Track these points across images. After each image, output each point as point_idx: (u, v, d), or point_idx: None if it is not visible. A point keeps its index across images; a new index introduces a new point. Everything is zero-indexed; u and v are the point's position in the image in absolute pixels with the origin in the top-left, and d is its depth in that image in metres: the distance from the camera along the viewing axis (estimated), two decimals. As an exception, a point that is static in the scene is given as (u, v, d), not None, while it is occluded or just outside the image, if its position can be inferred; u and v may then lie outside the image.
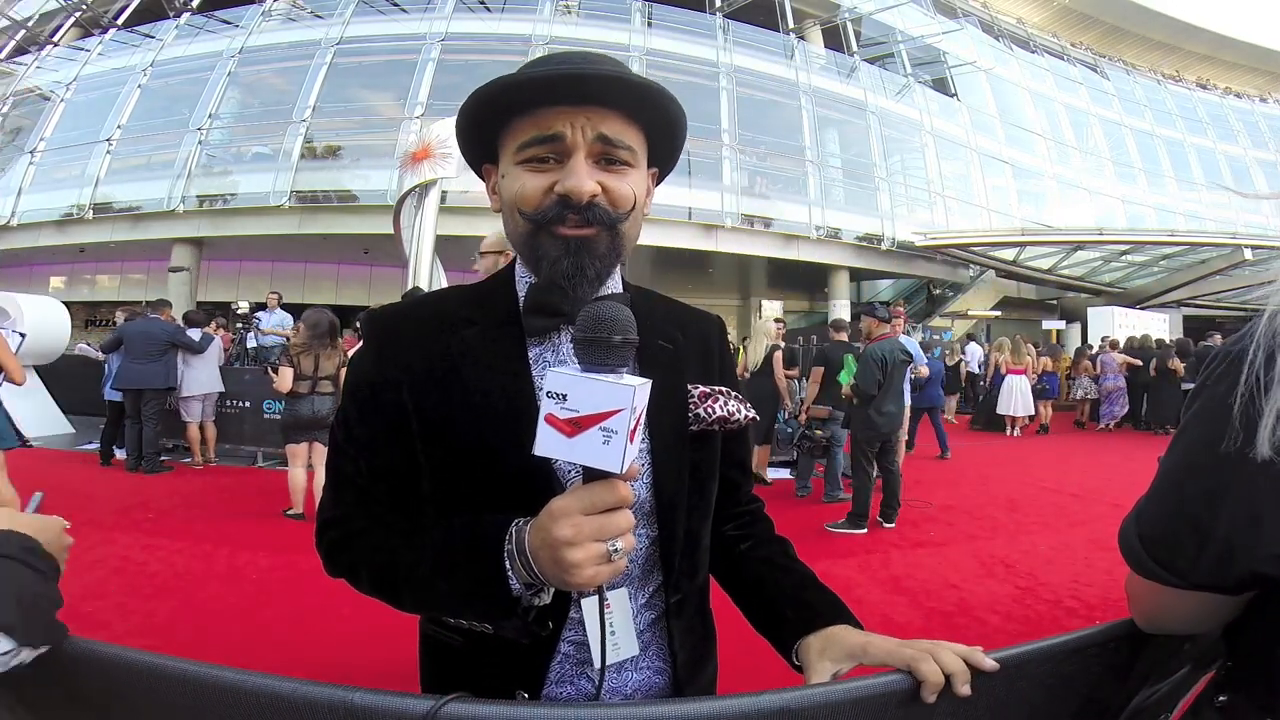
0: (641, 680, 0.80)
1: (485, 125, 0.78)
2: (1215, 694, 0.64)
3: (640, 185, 0.77)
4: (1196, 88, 26.94)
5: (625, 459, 0.56)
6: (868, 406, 4.93)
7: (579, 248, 0.72)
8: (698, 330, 0.90)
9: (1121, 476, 6.97)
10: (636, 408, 0.56)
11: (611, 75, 0.72)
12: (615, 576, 0.61)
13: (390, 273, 14.94)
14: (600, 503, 0.59)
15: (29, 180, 16.09)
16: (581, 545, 0.58)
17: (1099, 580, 3.79)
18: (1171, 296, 18.00)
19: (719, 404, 0.82)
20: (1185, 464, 0.60)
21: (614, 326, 0.59)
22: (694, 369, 0.85)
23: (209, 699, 0.60)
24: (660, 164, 0.85)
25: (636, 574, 0.79)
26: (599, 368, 0.58)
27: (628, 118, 0.75)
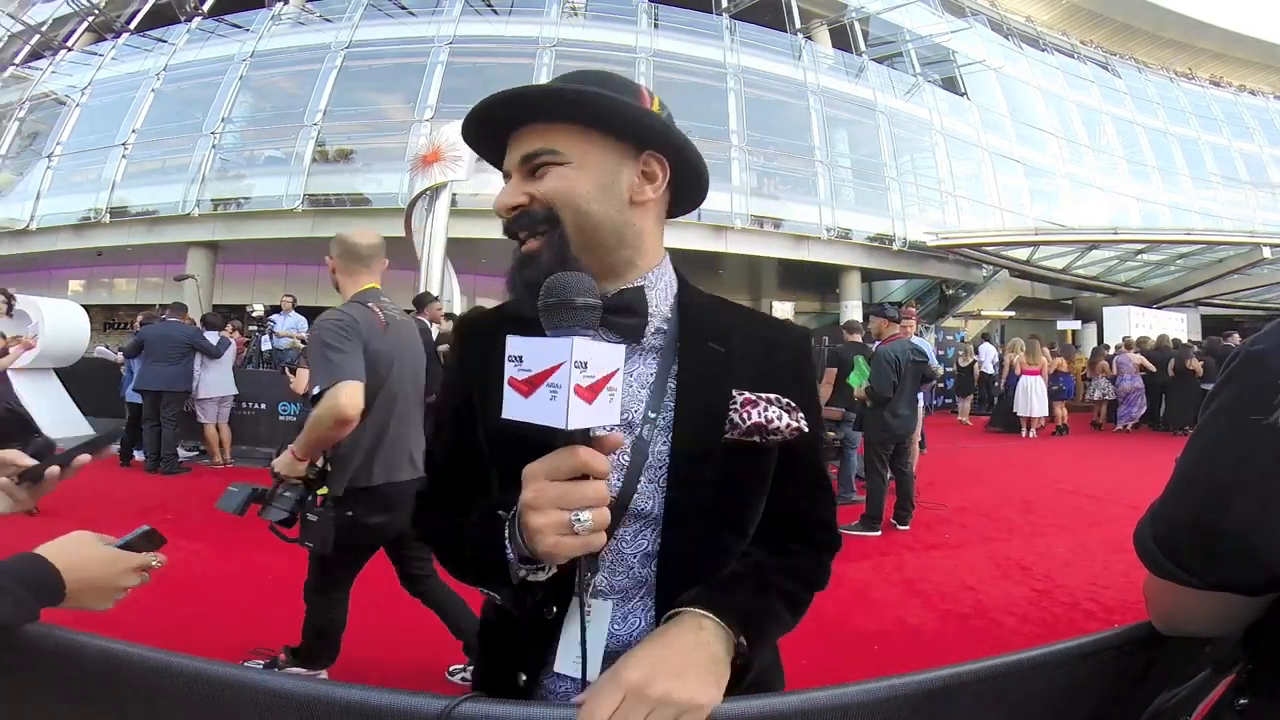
0: None
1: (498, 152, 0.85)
2: (1235, 697, 0.63)
3: (578, 179, 0.76)
4: (1210, 85, 26.61)
5: (570, 414, 0.55)
6: (882, 408, 4.90)
7: (524, 262, 0.78)
8: (766, 339, 0.86)
9: (1139, 478, 6.89)
10: (586, 364, 0.56)
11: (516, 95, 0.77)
12: (585, 550, 0.59)
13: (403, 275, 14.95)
14: (561, 467, 0.58)
15: (47, 184, 16.31)
16: (542, 510, 0.58)
17: (1117, 582, 3.75)
18: (1189, 296, 17.77)
19: (758, 409, 0.77)
20: (1203, 464, 0.60)
21: (574, 288, 0.60)
22: (750, 377, 0.80)
23: (225, 698, 0.60)
24: (657, 147, 0.80)
25: (649, 585, 0.77)
26: (562, 330, 0.59)
27: (555, 126, 0.78)
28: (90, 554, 0.81)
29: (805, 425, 0.80)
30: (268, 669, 0.63)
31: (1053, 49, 23.62)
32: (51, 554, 0.78)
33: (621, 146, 0.79)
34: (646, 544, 0.77)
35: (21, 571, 0.73)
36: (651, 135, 0.80)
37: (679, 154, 0.82)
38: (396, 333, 2.30)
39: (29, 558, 0.76)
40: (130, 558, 0.85)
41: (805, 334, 0.91)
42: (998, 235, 16.90)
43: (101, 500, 5.12)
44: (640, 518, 0.76)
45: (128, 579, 0.85)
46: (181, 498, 5.43)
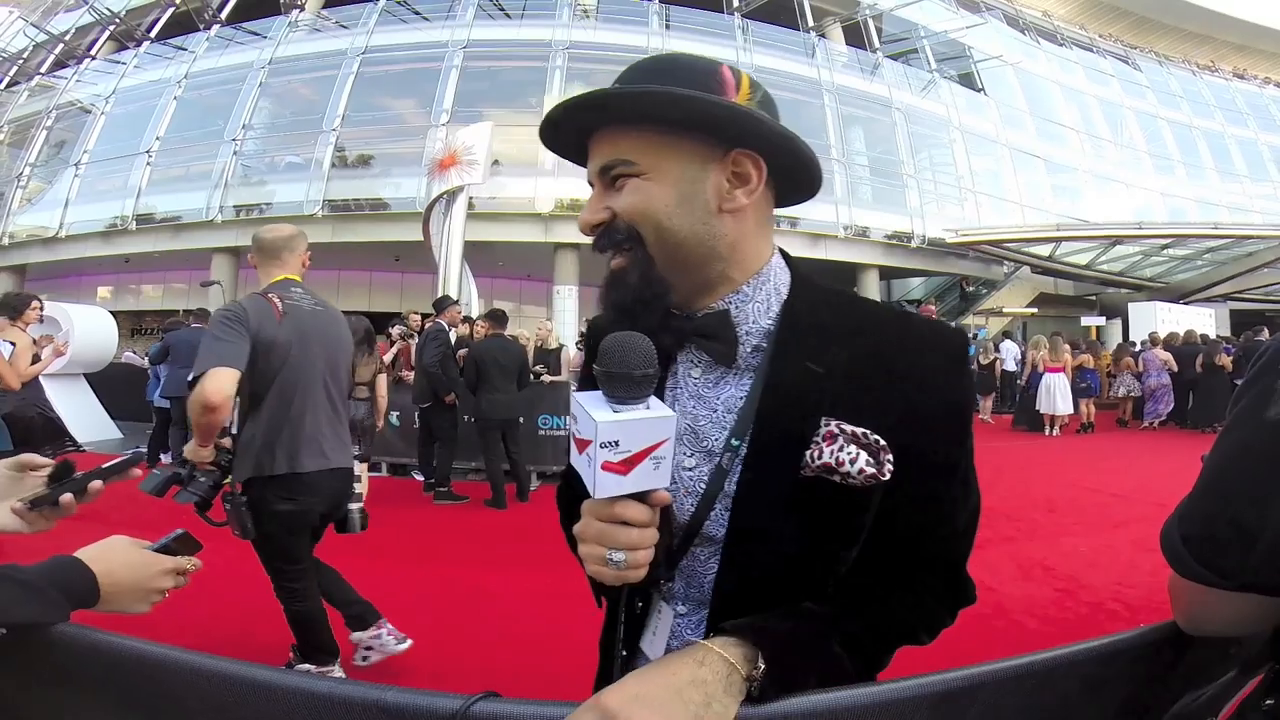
0: None
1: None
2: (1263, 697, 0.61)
3: (654, 192, 0.70)
4: (1234, 78, 26.06)
5: (597, 486, 0.59)
6: None
7: (611, 284, 0.75)
8: (898, 355, 0.70)
9: (1165, 476, 6.76)
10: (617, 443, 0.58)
11: (585, 100, 0.70)
12: (620, 581, 0.63)
13: (422, 279, 15.17)
14: (595, 510, 0.62)
15: (75, 192, 16.68)
16: (585, 542, 0.63)
17: (1143, 582, 3.68)
18: (1217, 290, 17.43)
19: (833, 448, 0.66)
20: (1232, 461, 0.58)
21: (624, 360, 0.60)
22: (854, 400, 0.68)
23: (248, 696, 0.61)
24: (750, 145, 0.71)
25: (694, 598, 0.76)
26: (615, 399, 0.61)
27: (627, 131, 0.71)
28: (125, 558, 0.83)
29: (888, 473, 0.65)
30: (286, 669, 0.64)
31: (1071, 43, 23.29)
32: (88, 557, 0.80)
33: (703, 148, 0.70)
34: (717, 567, 0.74)
35: (56, 574, 0.75)
36: (736, 131, 0.70)
37: (775, 148, 0.71)
38: (298, 322, 2.31)
39: (66, 560, 0.79)
40: (164, 561, 0.88)
41: (960, 347, 0.73)
42: (1019, 231, 16.70)
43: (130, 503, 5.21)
44: (713, 542, 0.73)
45: (163, 581, 0.87)
46: (206, 500, 5.51)
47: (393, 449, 6.81)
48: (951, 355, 0.71)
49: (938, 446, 0.70)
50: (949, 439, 0.71)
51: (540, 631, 3.06)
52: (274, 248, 2.40)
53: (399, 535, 4.74)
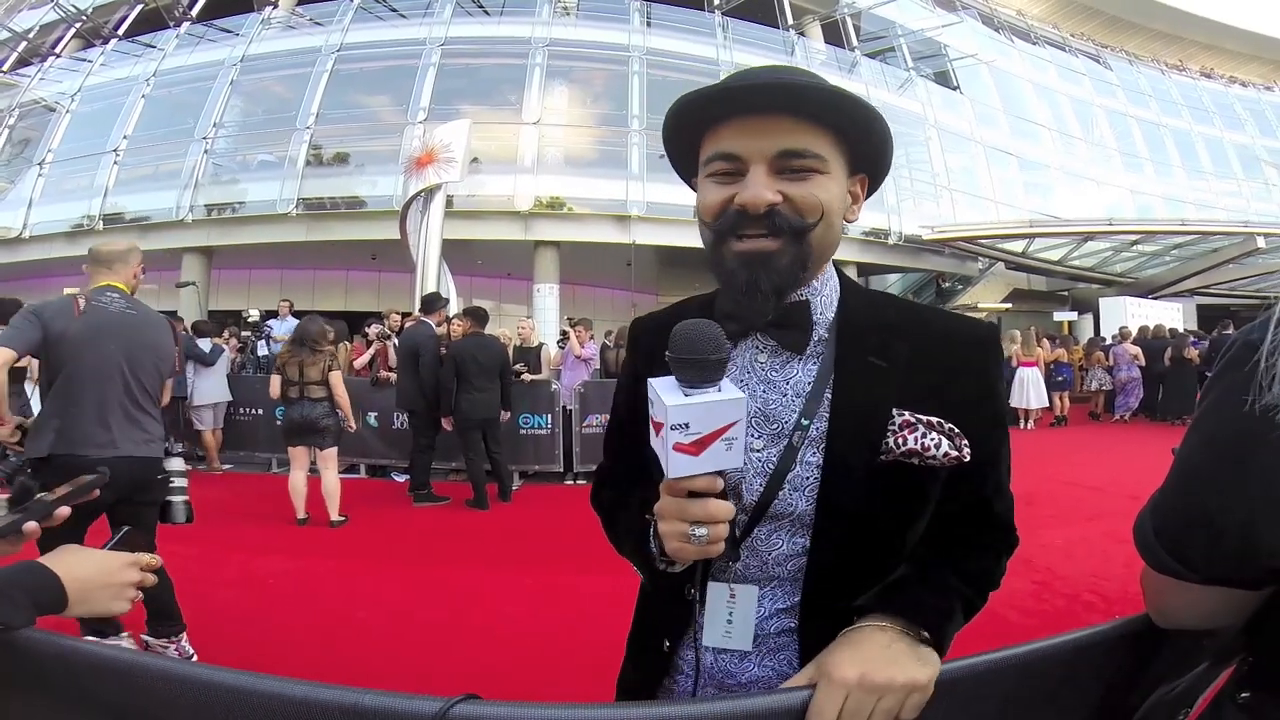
0: (760, 676, 0.82)
1: (682, 142, 0.83)
2: (1238, 690, 0.62)
3: (834, 192, 0.76)
4: (1201, 77, 26.68)
5: (670, 466, 0.64)
6: None
7: (754, 262, 0.75)
8: (942, 347, 0.79)
9: (1138, 468, 6.91)
10: (687, 425, 0.62)
11: (789, 83, 0.73)
12: (701, 556, 0.68)
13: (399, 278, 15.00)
14: (672, 486, 0.66)
15: (39, 192, 16.25)
16: (666, 520, 0.68)
17: (1117, 574, 3.76)
18: (1184, 286, 17.84)
19: (916, 435, 0.74)
20: (1201, 456, 0.59)
21: (696, 346, 0.63)
22: (917, 391, 0.76)
23: (220, 702, 0.60)
24: (867, 170, 0.83)
25: (785, 578, 0.80)
26: (687, 383, 0.64)
27: (813, 125, 0.74)
28: (81, 558, 0.83)
29: (967, 455, 0.75)
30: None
31: (1044, 42, 23.66)
32: (45, 560, 0.79)
33: (848, 163, 0.79)
34: (782, 544, 0.79)
35: (17, 577, 0.73)
36: (876, 159, 0.82)
37: (878, 179, 0.84)
38: (97, 320, 2.55)
39: (27, 564, 0.78)
40: (122, 555, 0.87)
41: (990, 339, 0.82)
42: (993, 228, 16.94)
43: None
44: (778, 519, 0.78)
45: (129, 574, 0.86)
46: (179, 504, 5.41)
47: (371, 450, 6.73)
48: (986, 343, 0.81)
49: (986, 421, 0.80)
50: (995, 415, 0.83)
51: (525, 631, 3.04)
52: (107, 259, 2.71)
53: (380, 537, 4.69)
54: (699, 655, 0.84)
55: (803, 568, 0.79)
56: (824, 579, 0.78)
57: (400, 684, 2.61)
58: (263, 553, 4.16)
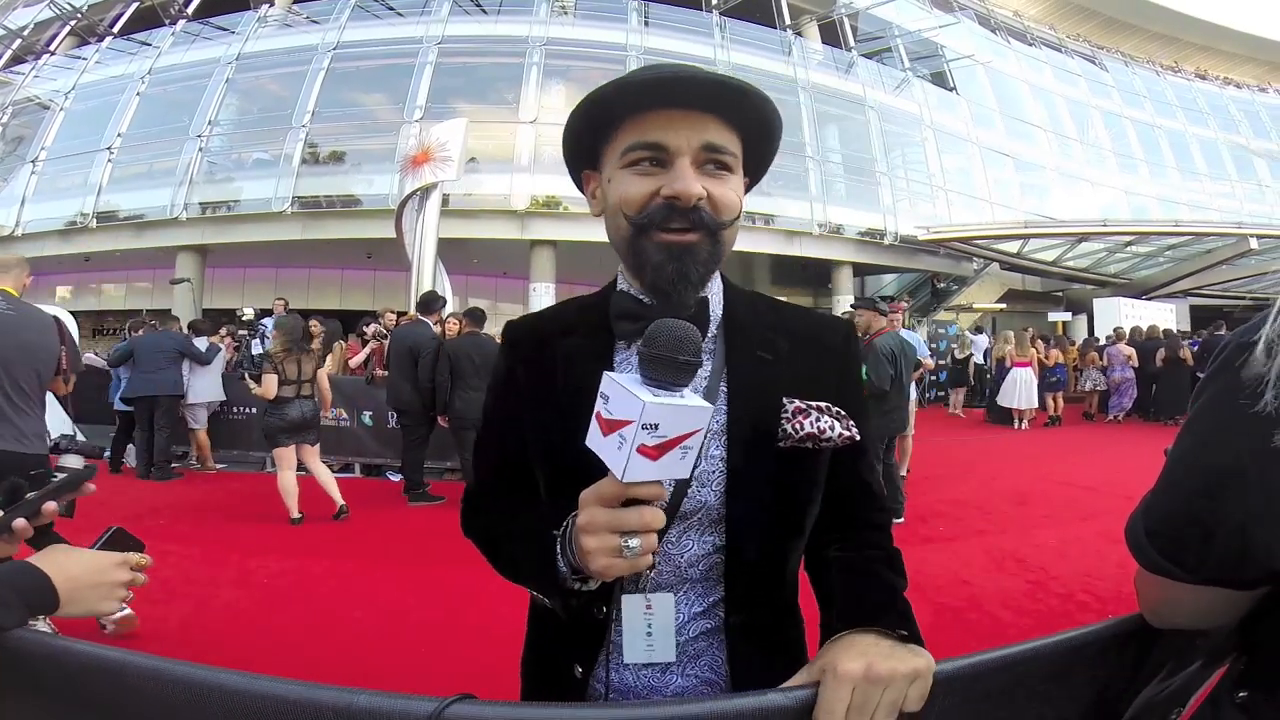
0: (686, 687, 0.80)
1: (590, 131, 0.81)
2: (1234, 689, 0.62)
3: (740, 191, 0.79)
4: (1195, 78, 26.79)
5: (628, 469, 0.58)
6: (880, 402, 4.82)
7: (681, 253, 0.74)
8: (813, 339, 0.85)
9: (1131, 468, 6.93)
10: (656, 426, 0.58)
11: (715, 79, 0.73)
12: (632, 571, 0.63)
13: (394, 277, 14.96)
14: (609, 495, 0.61)
15: (32, 189, 16.15)
16: (594, 534, 0.62)
17: (1111, 574, 3.77)
18: (1178, 286, 17.91)
19: (810, 420, 0.77)
20: (1193, 457, 0.59)
21: (676, 345, 0.60)
22: (800, 381, 0.80)
23: (214, 702, 0.60)
24: (750, 172, 0.84)
25: (697, 580, 0.79)
26: (655, 382, 0.60)
27: (727, 123, 0.76)
28: (71, 557, 0.82)
29: (857, 433, 0.79)
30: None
31: (1040, 43, 23.73)
32: (35, 560, 0.78)
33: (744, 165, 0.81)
34: (693, 545, 0.78)
35: (8, 577, 0.73)
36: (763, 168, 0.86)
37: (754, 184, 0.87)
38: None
39: (16, 564, 0.77)
40: (111, 554, 0.86)
41: (850, 331, 0.90)
42: (988, 229, 16.97)
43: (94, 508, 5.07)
44: (687, 519, 0.77)
45: (120, 573, 0.85)
46: (173, 504, 5.40)
47: (366, 449, 6.72)
48: (846, 335, 0.89)
49: (855, 403, 0.84)
50: (860, 400, 0.87)
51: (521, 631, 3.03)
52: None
53: (375, 536, 4.68)
54: (614, 675, 0.79)
55: (714, 566, 0.79)
56: (741, 573, 0.79)
57: (396, 684, 2.60)
58: (258, 553, 4.15)
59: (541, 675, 0.88)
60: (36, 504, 0.88)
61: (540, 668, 0.88)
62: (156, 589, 3.40)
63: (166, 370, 6.37)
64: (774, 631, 0.84)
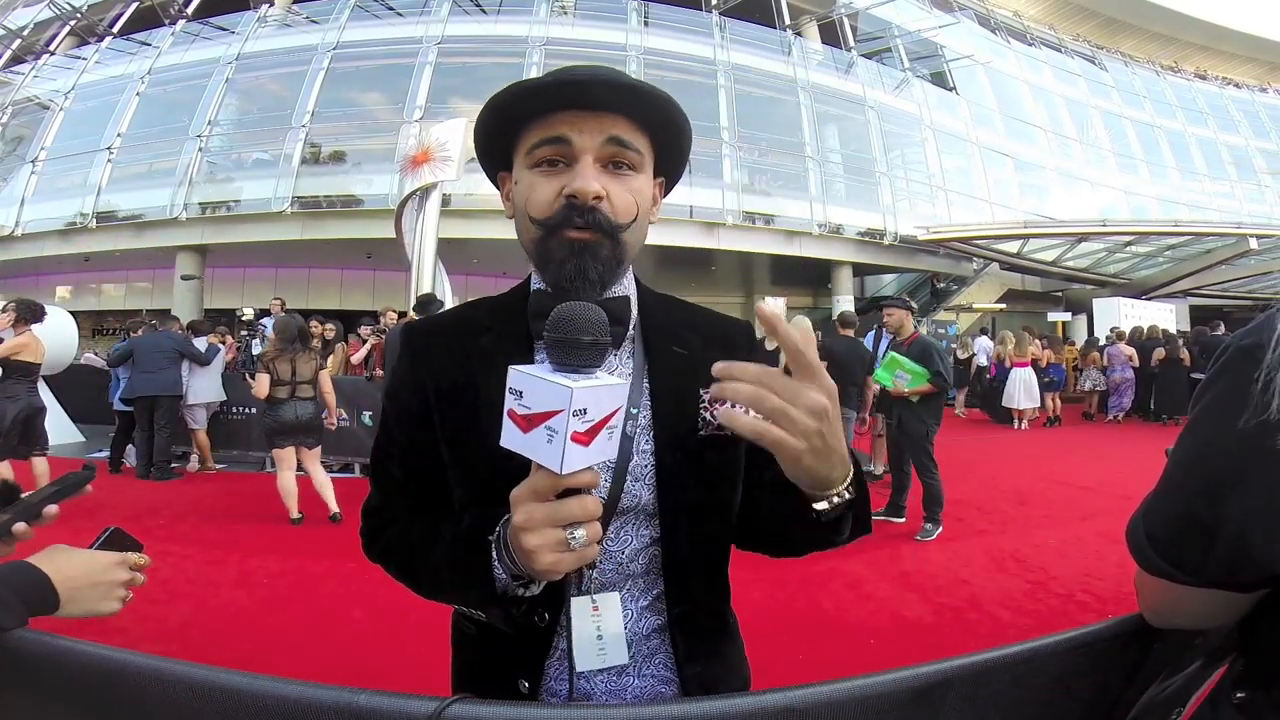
0: (643, 688, 0.80)
1: (499, 133, 0.81)
2: (1233, 690, 0.62)
3: (645, 191, 0.79)
4: (1195, 78, 26.80)
5: (565, 459, 0.56)
6: (941, 399, 4.74)
7: (582, 250, 0.74)
8: (721, 336, 0.89)
9: (1131, 468, 6.94)
10: (585, 410, 0.56)
11: (617, 81, 0.74)
12: (580, 563, 0.63)
13: (394, 277, 14.98)
14: (544, 489, 0.60)
15: (31, 190, 16.15)
16: (535, 531, 0.60)
17: (1111, 574, 3.77)
18: (1177, 287, 17.91)
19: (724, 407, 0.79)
20: (1194, 460, 0.59)
21: (583, 326, 0.60)
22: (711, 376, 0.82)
23: (215, 702, 0.60)
24: (667, 173, 0.87)
25: (638, 575, 0.80)
26: (567, 368, 0.59)
27: (633, 123, 0.77)
28: (70, 558, 0.82)
29: None
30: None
31: (1040, 43, 23.74)
32: (34, 561, 0.79)
33: (655, 165, 0.82)
34: (631, 540, 0.78)
35: (8, 578, 0.73)
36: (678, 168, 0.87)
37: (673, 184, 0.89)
38: None
39: (16, 564, 0.77)
40: (110, 554, 0.86)
41: (751, 329, 0.94)
42: (988, 229, 16.97)
43: (94, 509, 5.07)
44: (624, 514, 0.77)
45: (117, 573, 0.85)
46: (173, 503, 5.39)
47: (366, 449, 6.69)
48: (749, 335, 0.93)
49: None
50: None
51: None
52: None
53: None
54: (565, 685, 0.76)
55: (653, 558, 0.79)
56: (677, 563, 0.80)
57: (396, 684, 2.61)
58: (258, 553, 4.15)
59: (483, 694, 0.84)
60: (37, 507, 0.88)
61: (476, 688, 0.83)
62: (156, 589, 3.40)
63: (166, 370, 6.38)
64: (714, 621, 0.86)
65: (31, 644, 0.68)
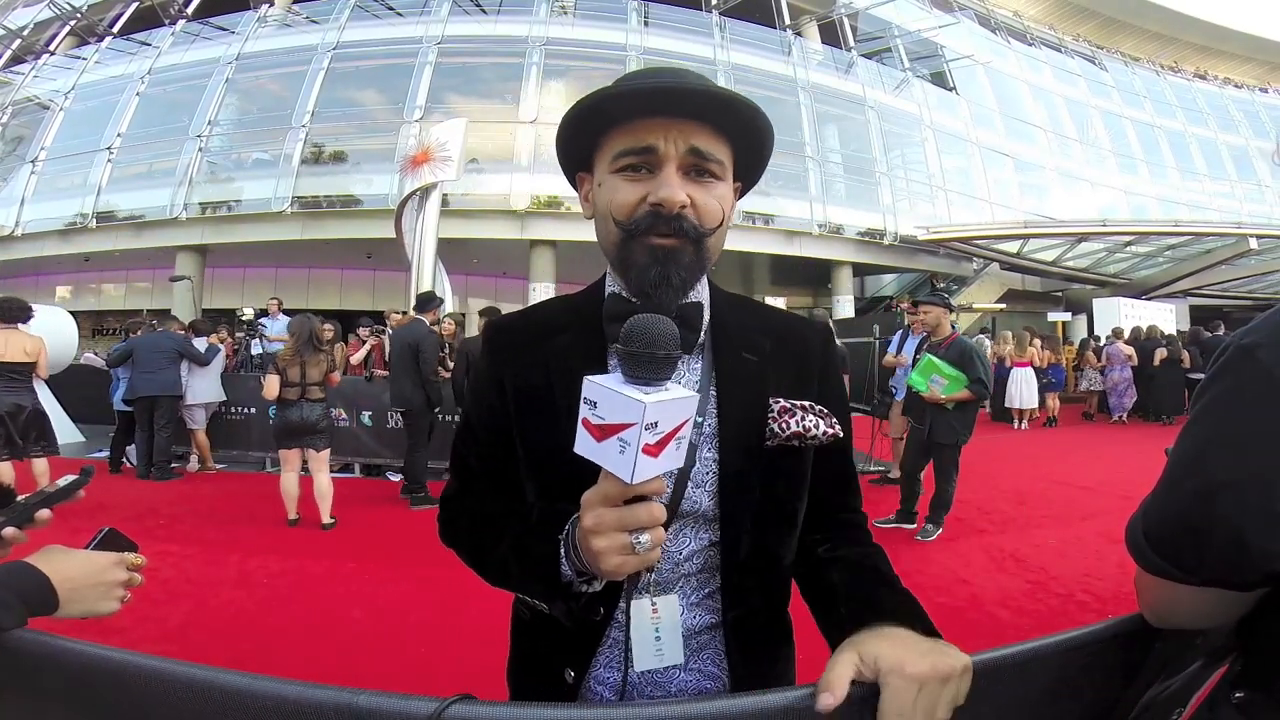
0: (689, 682, 0.81)
1: (583, 135, 0.81)
2: (1232, 690, 0.62)
3: (727, 199, 0.81)
4: (1195, 78, 26.81)
5: (635, 471, 0.58)
6: (977, 406, 4.53)
7: (665, 257, 0.75)
8: (795, 339, 0.88)
9: (1131, 468, 6.94)
10: (656, 424, 0.57)
11: (703, 89, 0.75)
12: (643, 566, 0.64)
13: (394, 276, 14.98)
14: (614, 495, 0.62)
15: (31, 190, 16.16)
16: (603, 534, 0.62)
17: (1111, 574, 3.77)
18: (1177, 287, 17.90)
19: (795, 419, 0.80)
20: (1194, 460, 0.59)
21: (655, 340, 0.60)
22: (784, 380, 0.83)
23: (214, 702, 0.60)
24: (744, 177, 0.86)
25: (693, 575, 0.81)
26: (639, 380, 0.60)
27: (717, 131, 0.77)
28: (68, 558, 0.82)
29: (839, 430, 0.83)
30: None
31: (1040, 43, 23.74)
32: (33, 562, 0.78)
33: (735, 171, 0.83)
34: (690, 542, 0.80)
35: (7, 578, 0.73)
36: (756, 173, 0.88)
37: (749, 188, 0.90)
38: None
39: (13, 565, 0.77)
40: (107, 554, 0.86)
41: (828, 331, 0.93)
42: (988, 229, 16.98)
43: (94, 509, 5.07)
44: (684, 518, 0.79)
45: (115, 573, 0.85)
46: (173, 504, 5.39)
47: (365, 449, 6.72)
48: (824, 336, 0.91)
49: (836, 400, 0.87)
50: (842, 397, 0.91)
51: (518, 631, 3.03)
52: None
53: (374, 537, 4.68)
54: (616, 677, 0.79)
55: (710, 560, 0.81)
56: (736, 568, 0.80)
57: (396, 684, 2.61)
58: (258, 553, 4.15)
59: (530, 681, 0.88)
60: (29, 511, 0.88)
61: (528, 674, 0.88)
62: (157, 589, 3.40)
63: (166, 370, 6.37)
64: (770, 625, 0.86)
65: (31, 644, 0.68)
